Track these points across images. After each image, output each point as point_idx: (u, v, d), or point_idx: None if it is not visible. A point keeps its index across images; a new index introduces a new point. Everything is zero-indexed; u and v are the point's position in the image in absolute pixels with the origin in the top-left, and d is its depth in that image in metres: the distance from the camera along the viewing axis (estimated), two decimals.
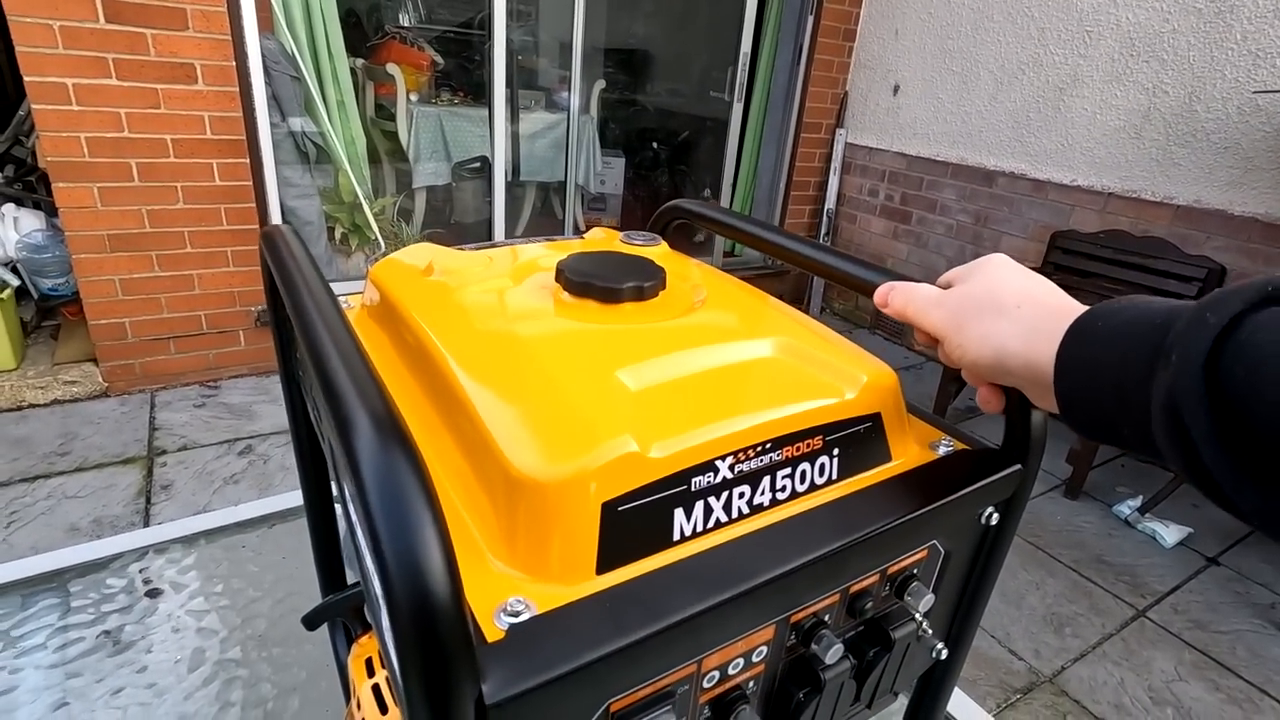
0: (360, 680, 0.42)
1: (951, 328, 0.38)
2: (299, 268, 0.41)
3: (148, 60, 2.13)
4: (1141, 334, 0.30)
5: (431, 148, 3.43)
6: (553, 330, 0.40)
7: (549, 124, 3.83)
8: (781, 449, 0.35)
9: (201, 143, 2.29)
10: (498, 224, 3.14)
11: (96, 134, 2.14)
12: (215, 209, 2.39)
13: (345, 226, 2.86)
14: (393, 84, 3.42)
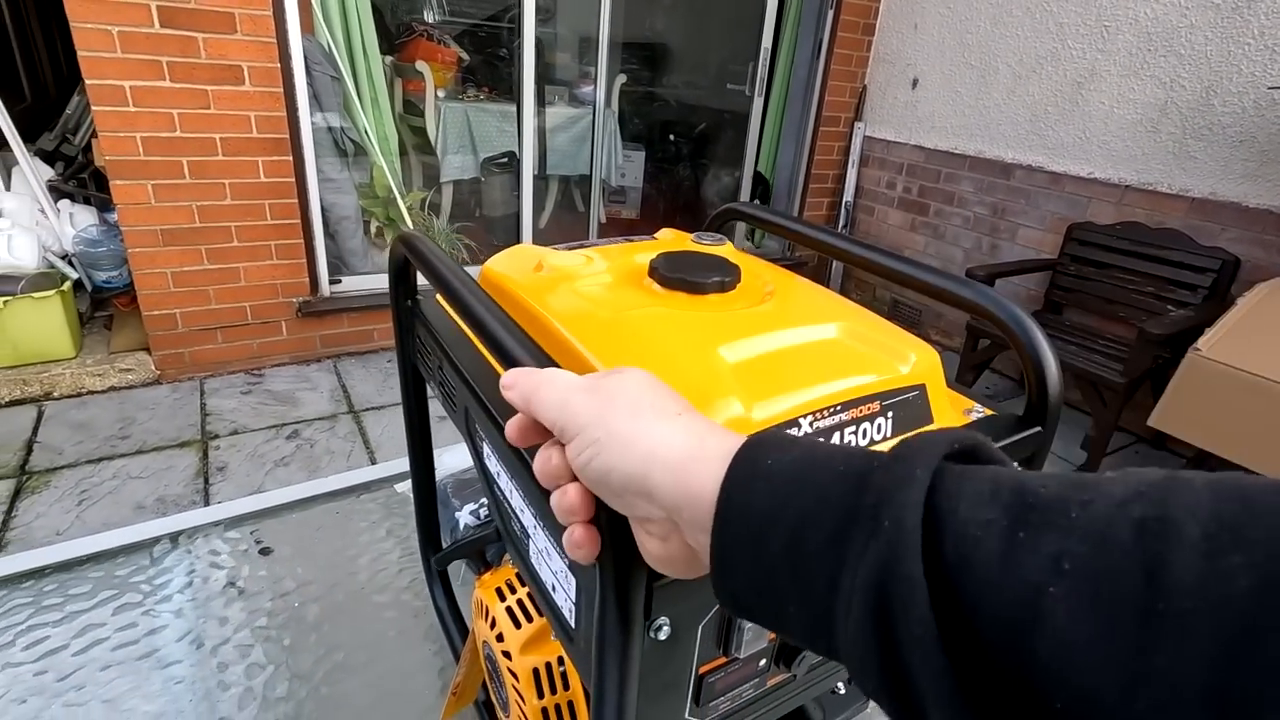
0: (494, 603, 0.52)
1: (591, 419, 0.30)
2: (447, 264, 0.50)
3: (199, 63, 2.24)
4: (824, 485, 0.24)
5: (458, 143, 3.52)
6: (654, 316, 0.49)
7: (572, 118, 3.91)
8: (848, 410, 0.44)
9: (248, 141, 2.40)
10: (525, 217, 3.24)
11: (151, 134, 2.25)
12: (260, 205, 2.50)
13: (380, 220, 2.97)
14: (420, 80, 3.51)
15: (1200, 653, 0.17)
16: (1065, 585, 0.19)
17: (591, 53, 3.58)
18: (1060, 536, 0.19)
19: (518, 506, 0.47)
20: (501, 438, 0.46)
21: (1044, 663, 0.19)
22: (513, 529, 0.48)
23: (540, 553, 0.44)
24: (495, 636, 0.51)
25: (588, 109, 3.89)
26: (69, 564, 0.79)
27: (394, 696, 0.67)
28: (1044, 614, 0.19)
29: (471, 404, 0.51)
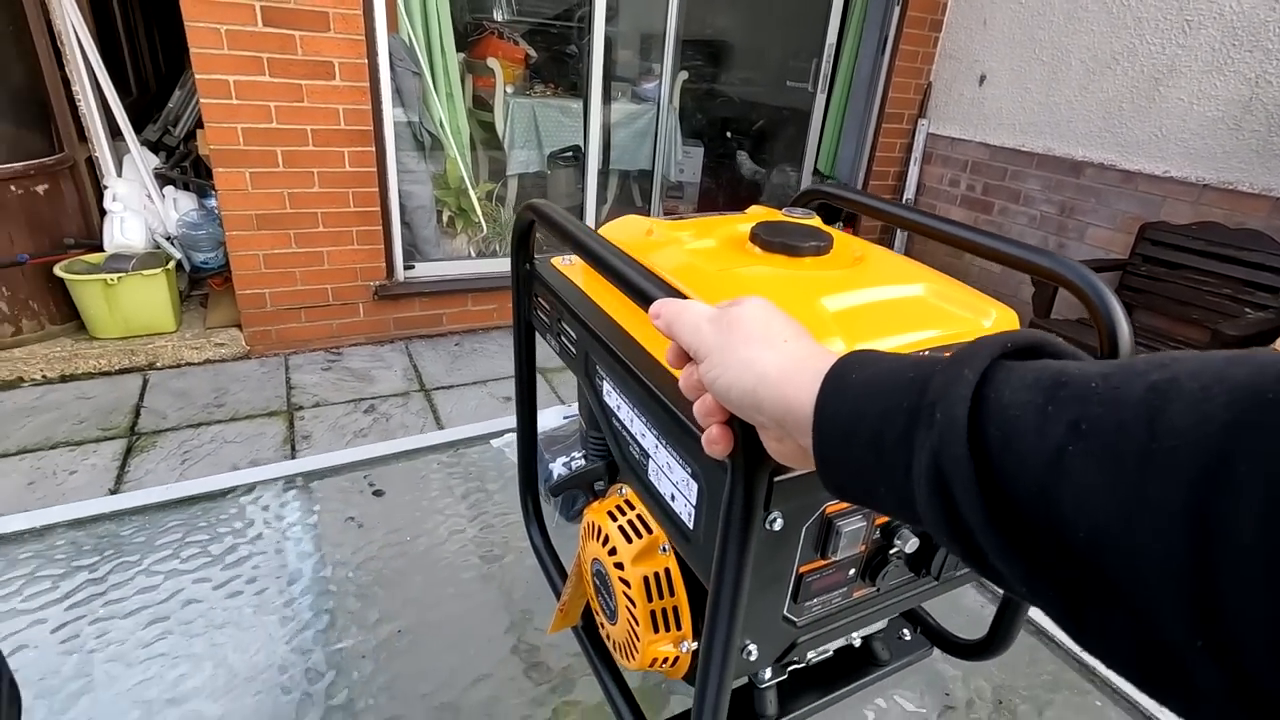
0: (607, 523, 0.59)
1: (717, 345, 0.36)
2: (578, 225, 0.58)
3: (295, 59, 2.40)
4: (897, 388, 0.29)
5: (525, 137, 3.64)
6: (760, 272, 0.56)
7: (635, 114, 3.99)
8: None
9: (336, 133, 2.55)
10: (589, 209, 3.33)
11: (250, 125, 2.42)
12: (344, 193, 2.66)
13: (452, 210, 3.11)
14: (490, 77, 3.64)
15: (1182, 480, 0.20)
16: (1082, 445, 0.22)
17: (656, 50, 3.65)
18: (1081, 404, 0.23)
19: (638, 432, 0.54)
20: (624, 375, 0.54)
21: (1068, 511, 0.22)
22: (630, 454, 0.56)
23: (660, 469, 0.51)
24: (608, 552, 0.59)
25: (649, 105, 3.97)
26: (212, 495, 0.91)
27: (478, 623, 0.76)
28: (1066, 470, 0.22)
29: (594, 348, 0.59)
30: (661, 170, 3.97)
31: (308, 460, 0.99)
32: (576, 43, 3.84)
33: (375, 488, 0.97)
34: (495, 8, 4.34)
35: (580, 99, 3.59)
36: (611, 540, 0.58)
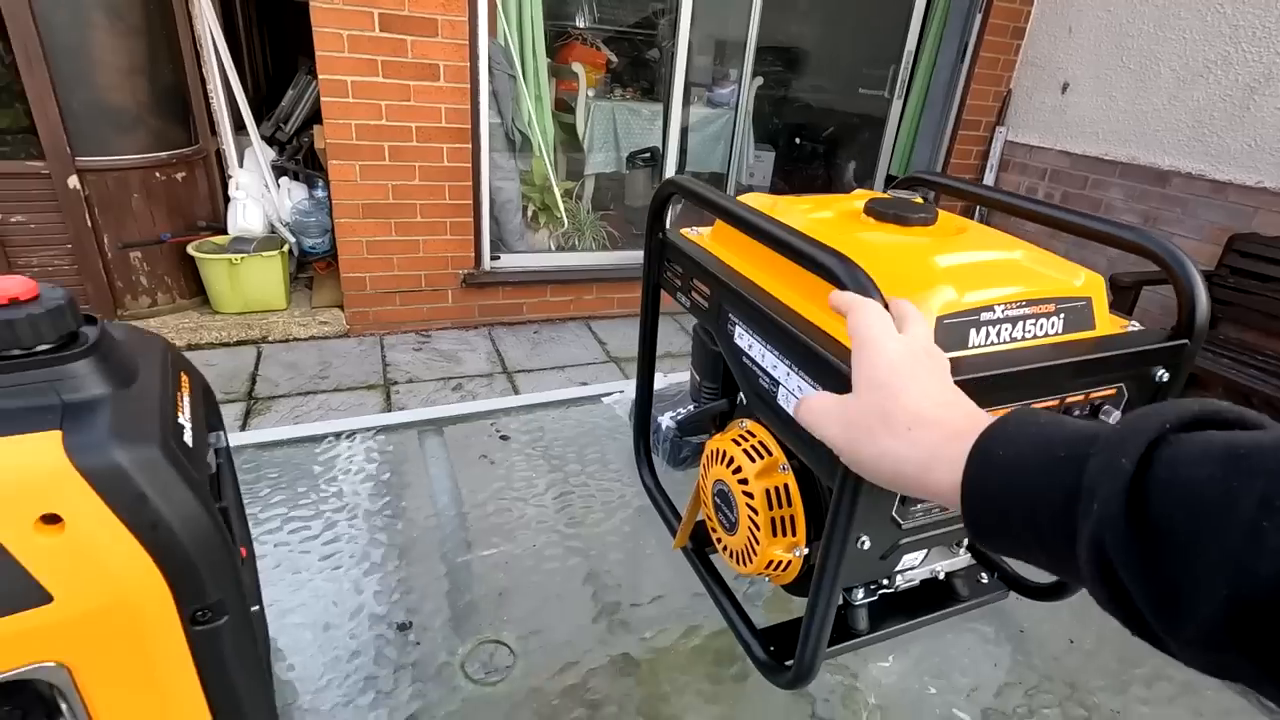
0: (732, 448, 0.70)
1: (845, 443, 0.39)
2: (722, 195, 0.69)
3: (405, 61, 2.60)
4: (1049, 471, 0.29)
5: (604, 138, 3.80)
6: (878, 237, 0.66)
7: (709, 118, 4.10)
8: (1030, 307, 0.59)
9: (437, 130, 2.75)
10: None
11: (362, 122, 2.64)
12: (441, 186, 2.85)
13: (536, 205, 3.28)
14: (572, 80, 3.81)
15: None
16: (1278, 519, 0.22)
17: (733, 56, 3.75)
18: (1270, 479, 0.23)
19: (769, 365, 0.65)
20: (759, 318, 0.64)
21: (1269, 580, 0.22)
22: (760, 386, 0.66)
23: (789, 392, 0.62)
24: (732, 471, 0.70)
25: (723, 109, 4.07)
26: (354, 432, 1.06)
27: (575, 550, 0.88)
28: (1265, 546, 0.22)
29: (728, 299, 0.70)
30: (735, 174, 4.06)
31: (443, 409, 1.14)
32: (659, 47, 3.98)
33: (501, 433, 1.11)
34: (578, 14, 4.53)
35: (658, 103, 3.73)
36: (737, 461, 0.69)
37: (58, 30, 2.25)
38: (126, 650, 0.43)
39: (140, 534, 0.42)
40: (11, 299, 0.43)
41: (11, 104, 2.28)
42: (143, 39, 2.47)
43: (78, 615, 0.40)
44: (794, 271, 0.65)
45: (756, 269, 0.70)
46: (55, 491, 0.39)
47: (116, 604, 0.42)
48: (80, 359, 0.44)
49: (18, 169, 2.34)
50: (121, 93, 2.45)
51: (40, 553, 0.39)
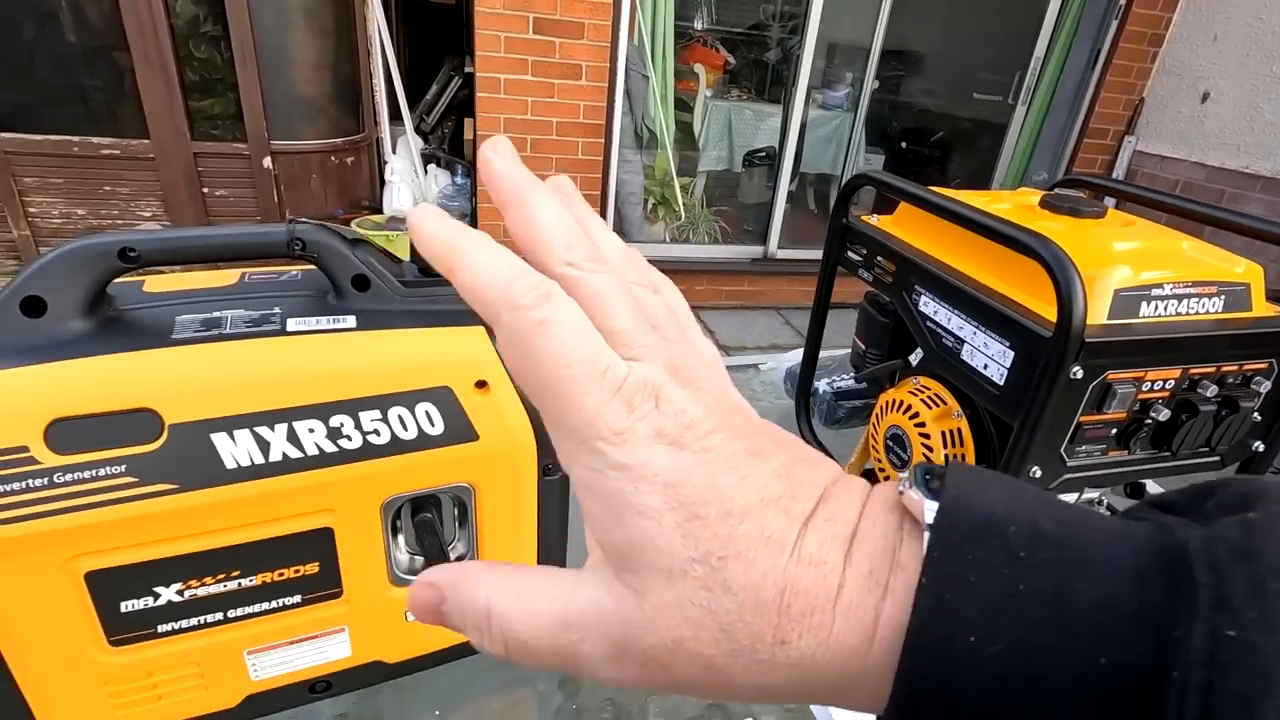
0: (910, 398, 0.84)
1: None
2: (913, 185, 0.83)
3: (552, 62, 2.84)
4: (1098, 637, 0.15)
5: (718, 137, 3.94)
6: (1058, 228, 0.78)
7: (822, 120, 4.17)
8: (1194, 287, 0.70)
9: (575, 126, 2.97)
10: (778, 207, 3.57)
11: (510, 116, 2.89)
12: (574, 178, 3.07)
13: (655, 199, 3.47)
14: (690, 81, 3.97)
15: None
16: None
17: (851, 59, 3.81)
18: None
19: (955, 327, 0.78)
20: (946, 288, 0.78)
21: None
22: (944, 345, 0.80)
23: (974, 349, 0.75)
24: (909, 417, 0.84)
25: (837, 111, 4.14)
26: None
27: None
28: None
29: (914, 273, 0.83)
30: (847, 176, 4.12)
31: None
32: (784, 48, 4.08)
33: None
34: (697, 17, 4.69)
35: (773, 103, 3.84)
36: (915, 408, 0.83)
37: (266, 30, 2.60)
38: (507, 483, 0.62)
39: (526, 402, 0.60)
40: None
41: (226, 93, 2.65)
42: (330, 39, 2.81)
43: (488, 452, 0.59)
44: (978, 251, 0.78)
45: (941, 249, 0.83)
46: (485, 366, 0.58)
47: (510, 448, 0.60)
48: None
49: (225, 149, 2.72)
50: (310, 85, 2.80)
51: (476, 406, 0.58)
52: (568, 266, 0.21)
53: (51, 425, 0.46)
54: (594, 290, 0.20)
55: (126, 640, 0.53)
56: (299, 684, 0.62)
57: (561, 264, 0.21)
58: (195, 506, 0.50)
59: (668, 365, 0.20)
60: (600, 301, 0.20)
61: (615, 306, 0.20)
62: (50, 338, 0.49)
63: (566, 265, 0.21)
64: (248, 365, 0.52)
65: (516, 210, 0.22)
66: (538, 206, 0.22)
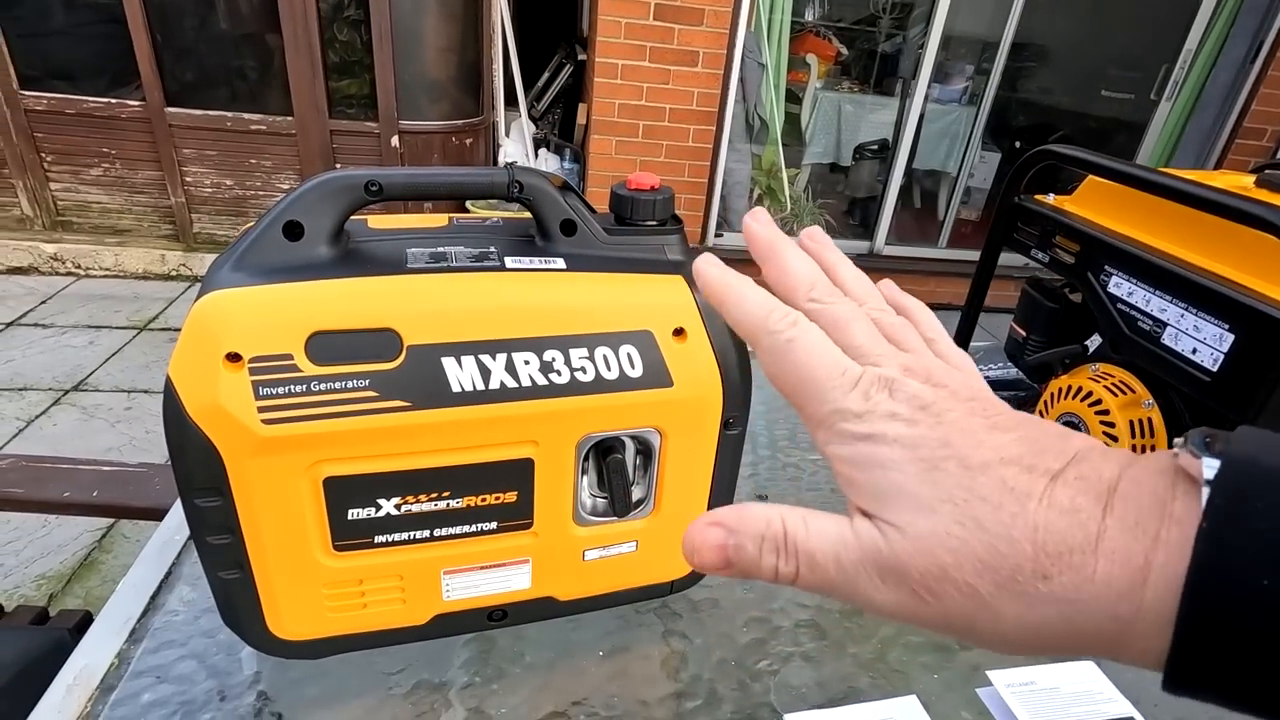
0: (1094, 385, 0.79)
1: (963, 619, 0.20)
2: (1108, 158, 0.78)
3: (670, 48, 2.85)
4: None
5: (826, 129, 3.85)
6: None
7: (936, 115, 4.01)
8: None
9: (687, 113, 2.98)
10: (889, 201, 3.46)
11: (624, 102, 2.92)
12: (682, 165, 3.08)
13: (761, 188, 3.43)
14: (800, 71, 3.90)
15: None
16: None
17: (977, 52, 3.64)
18: None
19: (1156, 309, 0.73)
20: (1148, 268, 0.73)
21: None
22: (1139, 328, 0.75)
23: (1180, 332, 0.70)
24: (1089, 404, 0.79)
25: (952, 106, 3.96)
26: None
27: None
28: None
29: (1104, 253, 0.79)
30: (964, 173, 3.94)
31: None
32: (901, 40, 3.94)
33: None
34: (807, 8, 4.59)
35: (886, 96, 3.72)
36: (1096, 394, 0.78)
37: (402, 14, 2.74)
38: (692, 431, 0.62)
39: (717, 353, 0.61)
40: (650, 187, 0.64)
41: (362, 74, 2.81)
42: (458, 24, 2.92)
43: (679, 400, 0.60)
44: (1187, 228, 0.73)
45: (1138, 227, 0.78)
46: (684, 313, 0.59)
47: (698, 398, 0.61)
48: (674, 234, 0.64)
49: (358, 128, 2.88)
50: (437, 68, 2.92)
51: (673, 353, 0.59)
52: (811, 301, 0.26)
53: (311, 338, 0.50)
54: (834, 317, 0.25)
55: (348, 547, 0.57)
56: (480, 609, 0.65)
57: (806, 300, 0.26)
58: (423, 425, 0.53)
59: (903, 368, 0.23)
60: (840, 325, 0.25)
61: (853, 328, 0.25)
62: (306, 260, 0.53)
63: (810, 300, 0.26)
64: (473, 296, 0.55)
65: (771, 262, 0.27)
66: (787, 259, 0.27)
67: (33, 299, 2.89)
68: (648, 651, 0.70)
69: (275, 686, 0.64)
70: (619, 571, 0.68)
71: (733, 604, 0.76)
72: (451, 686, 0.66)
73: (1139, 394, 0.76)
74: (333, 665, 0.65)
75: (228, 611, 0.59)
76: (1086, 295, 0.82)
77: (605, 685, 0.66)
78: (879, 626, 0.74)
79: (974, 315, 1.00)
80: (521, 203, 0.60)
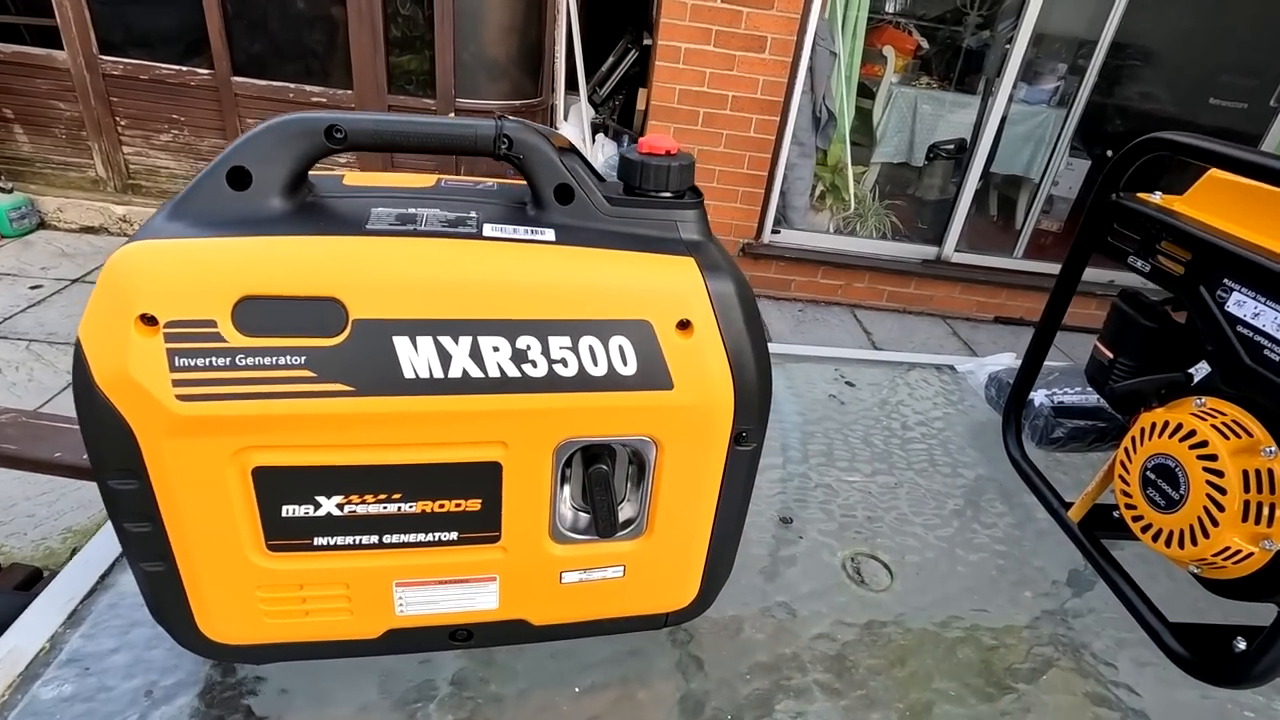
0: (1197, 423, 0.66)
1: None
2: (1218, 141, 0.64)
3: (736, 32, 2.72)
4: None
5: (899, 126, 3.65)
6: None
7: (1021, 116, 3.74)
8: None
9: (750, 101, 2.84)
10: (962, 203, 3.25)
11: (686, 87, 2.81)
12: (742, 155, 2.95)
13: (825, 185, 3.27)
14: (874, 65, 3.69)
15: None
16: None
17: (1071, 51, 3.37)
18: None
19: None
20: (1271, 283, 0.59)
21: None
22: (1265, 358, 0.61)
23: None
24: (1190, 446, 0.65)
25: (1039, 108, 3.69)
26: None
27: None
28: None
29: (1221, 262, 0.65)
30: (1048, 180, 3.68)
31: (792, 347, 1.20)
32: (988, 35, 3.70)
33: (846, 379, 1.14)
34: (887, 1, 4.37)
35: (967, 94, 3.49)
36: (1201, 435, 0.64)
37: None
38: (695, 444, 0.53)
39: (730, 354, 0.51)
40: (666, 150, 0.54)
41: (422, 50, 2.79)
42: (521, 3, 2.87)
43: (681, 405, 0.50)
44: None
45: (1271, 236, 0.64)
46: (692, 303, 0.49)
47: (704, 405, 0.51)
48: (693, 209, 0.54)
49: (415, 104, 2.87)
50: (497, 47, 2.88)
51: (675, 350, 0.49)
52: None
53: (241, 302, 0.42)
54: None
55: (284, 547, 0.49)
56: (441, 628, 0.57)
57: None
58: (368, 414, 0.45)
59: None
60: None
61: None
62: (251, 213, 0.46)
63: None
64: (438, 266, 0.46)
65: None
66: None
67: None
68: (631, 692, 0.61)
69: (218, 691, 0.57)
70: (604, 598, 0.59)
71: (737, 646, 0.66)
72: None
73: (1258, 438, 0.63)
74: (286, 675, 0.58)
75: (155, 607, 0.52)
76: (1196, 314, 0.68)
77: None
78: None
79: (1052, 327, 0.87)
80: (510, 161, 0.51)
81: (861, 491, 0.90)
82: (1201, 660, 0.65)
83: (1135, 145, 0.76)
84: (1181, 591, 0.75)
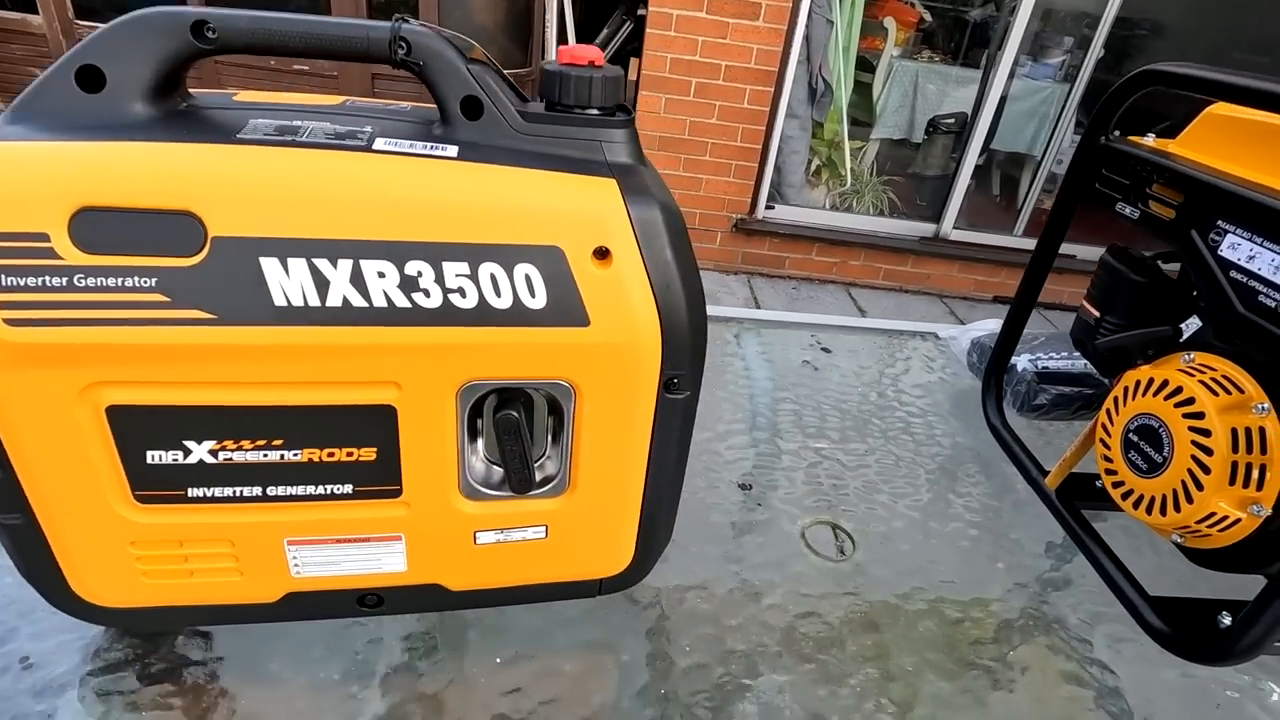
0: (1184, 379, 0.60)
1: None
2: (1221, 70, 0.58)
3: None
4: None
5: (899, 100, 3.55)
6: None
7: (1025, 92, 3.64)
8: None
9: (744, 71, 2.76)
10: (961, 180, 3.17)
11: (677, 56, 2.73)
12: (735, 128, 2.87)
13: (821, 160, 3.19)
14: (877, 38, 3.59)
15: None
16: None
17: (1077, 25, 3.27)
18: None
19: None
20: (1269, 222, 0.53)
21: None
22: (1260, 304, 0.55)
23: None
24: (1176, 404, 0.60)
25: (1044, 83, 3.59)
26: None
27: None
28: None
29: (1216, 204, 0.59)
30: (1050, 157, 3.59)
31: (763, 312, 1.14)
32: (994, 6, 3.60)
33: (822, 345, 1.09)
34: None
35: (970, 68, 3.39)
36: (1188, 392, 0.59)
37: None
38: (618, 389, 0.47)
39: (656, 289, 0.45)
40: (589, 61, 0.48)
41: None
42: None
43: (600, 345, 0.45)
44: None
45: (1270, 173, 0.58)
46: (612, 229, 0.43)
47: (627, 345, 0.45)
48: (621, 128, 0.48)
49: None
50: (484, 13, 2.80)
51: (591, 281, 0.43)
52: None
53: (78, 214, 0.37)
54: None
55: (154, 499, 0.44)
56: (346, 591, 0.52)
57: None
58: (234, 346, 0.40)
59: None
60: None
61: None
62: (102, 117, 0.40)
63: None
64: (315, 179, 0.41)
65: None
66: None
67: None
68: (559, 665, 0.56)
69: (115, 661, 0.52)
70: (527, 562, 0.54)
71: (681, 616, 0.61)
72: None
73: (1250, 394, 0.57)
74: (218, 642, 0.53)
75: (23, 565, 0.48)
76: (1186, 260, 0.63)
77: (496, 703, 0.52)
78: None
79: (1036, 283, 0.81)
80: (408, 69, 0.45)
81: (829, 459, 0.85)
82: (1183, 636, 0.60)
83: (1127, 80, 0.70)
84: (1167, 566, 0.70)
